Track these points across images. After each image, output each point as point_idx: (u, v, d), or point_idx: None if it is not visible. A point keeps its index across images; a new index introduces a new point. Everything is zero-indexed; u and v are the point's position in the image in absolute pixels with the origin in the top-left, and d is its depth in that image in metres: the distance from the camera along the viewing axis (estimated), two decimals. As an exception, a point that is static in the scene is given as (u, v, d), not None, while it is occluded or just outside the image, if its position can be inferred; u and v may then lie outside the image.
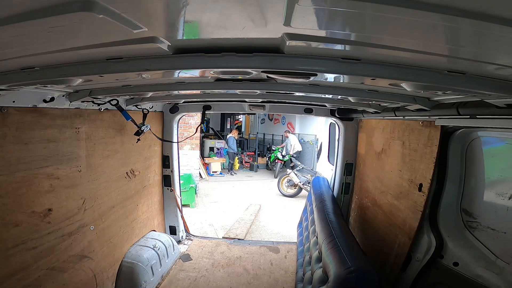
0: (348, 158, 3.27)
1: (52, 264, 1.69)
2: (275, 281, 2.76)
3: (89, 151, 2.01)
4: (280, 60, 0.93)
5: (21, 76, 1.10)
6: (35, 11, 0.58)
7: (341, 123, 3.22)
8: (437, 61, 0.84)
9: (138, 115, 2.35)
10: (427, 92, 1.28)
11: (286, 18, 0.63)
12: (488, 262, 1.49)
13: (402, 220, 2.03)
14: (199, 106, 3.14)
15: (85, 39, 0.80)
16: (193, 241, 3.55)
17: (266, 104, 2.95)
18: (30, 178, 1.56)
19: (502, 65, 0.77)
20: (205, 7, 0.63)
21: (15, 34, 0.71)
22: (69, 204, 1.85)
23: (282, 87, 1.55)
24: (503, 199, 1.51)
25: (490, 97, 1.02)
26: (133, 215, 2.67)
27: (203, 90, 1.98)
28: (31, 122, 1.56)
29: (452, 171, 1.77)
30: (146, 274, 2.44)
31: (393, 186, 2.25)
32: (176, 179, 3.40)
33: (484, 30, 0.56)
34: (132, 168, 2.60)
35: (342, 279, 1.47)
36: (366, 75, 1.00)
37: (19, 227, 1.50)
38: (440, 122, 1.64)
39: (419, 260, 1.85)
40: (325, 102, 2.42)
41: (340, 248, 1.76)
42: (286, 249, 3.36)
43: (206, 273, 2.86)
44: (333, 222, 2.24)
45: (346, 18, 0.63)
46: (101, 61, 1.01)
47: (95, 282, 2.08)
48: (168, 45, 0.87)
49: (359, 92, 1.55)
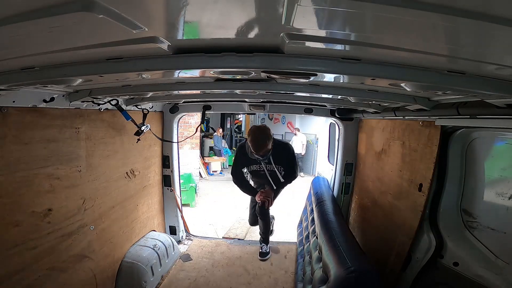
0: (348, 158, 3.27)
1: (52, 264, 1.69)
2: (275, 281, 2.75)
3: (89, 151, 2.01)
4: (280, 60, 0.93)
5: (21, 76, 1.09)
6: (35, 11, 0.58)
7: (341, 123, 3.22)
8: (437, 61, 0.84)
9: (138, 115, 2.35)
10: (427, 92, 1.28)
11: (286, 18, 0.63)
12: (488, 262, 1.49)
13: (402, 220, 2.03)
14: (199, 106, 3.14)
15: (85, 39, 0.80)
16: (193, 241, 3.55)
17: (266, 104, 2.95)
18: (30, 178, 1.56)
19: (502, 65, 0.77)
20: (205, 7, 0.63)
21: (15, 34, 0.71)
22: (69, 204, 1.85)
23: (282, 87, 1.55)
24: (503, 199, 1.51)
25: (490, 97, 1.02)
26: (133, 215, 2.67)
27: (203, 90, 1.98)
28: (31, 122, 1.56)
29: (452, 171, 1.77)
30: (146, 274, 2.44)
31: (393, 186, 2.25)
32: (176, 179, 3.40)
33: (484, 30, 0.56)
34: (132, 168, 2.60)
35: (342, 279, 1.47)
36: (366, 75, 1.00)
37: (19, 227, 1.50)
38: (440, 122, 1.64)
39: (419, 260, 1.85)
40: (325, 102, 2.42)
41: (340, 248, 1.76)
42: (286, 249, 3.36)
43: (206, 273, 2.86)
44: (333, 222, 2.25)
45: (346, 18, 0.63)
46: (101, 61, 1.01)
47: (95, 282, 2.08)
48: (168, 45, 0.87)
49: (359, 92, 1.55)
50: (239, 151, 3.01)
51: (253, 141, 2.64)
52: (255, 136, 2.66)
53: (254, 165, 2.96)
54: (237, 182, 3.03)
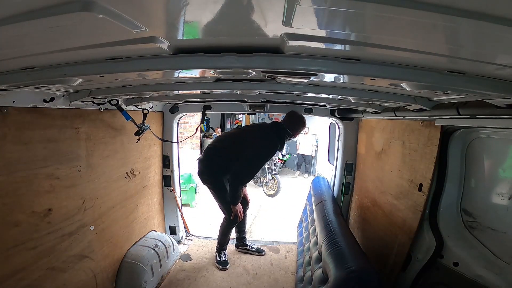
0: (348, 158, 3.28)
1: (52, 264, 1.69)
2: (275, 281, 2.75)
3: (89, 151, 2.01)
4: (280, 60, 0.93)
5: (21, 76, 1.09)
6: (35, 11, 0.58)
7: (341, 123, 3.22)
8: (437, 61, 0.84)
9: (138, 115, 2.35)
10: (427, 92, 1.28)
11: (286, 18, 0.63)
12: (488, 262, 1.49)
13: (402, 220, 2.03)
14: (199, 106, 3.14)
15: (85, 39, 0.80)
16: (193, 241, 3.55)
17: (266, 104, 2.95)
18: (30, 178, 1.56)
19: (502, 65, 0.77)
20: (205, 7, 0.63)
21: (15, 34, 0.71)
22: (69, 204, 1.85)
23: (282, 87, 1.55)
24: (503, 199, 1.51)
25: (490, 97, 1.02)
26: (133, 215, 2.67)
27: (203, 90, 1.98)
28: (31, 122, 1.56)
29: (452, 171, 1.77)
30: (146, 274, 2.44)
31: (393, 186, 2.25)
32: (176, 179, 3.40)
33: (484, 30, 0.56)
34: (132, 168, 2.60)
35: (342, 279, 1.47)
36: (366, 75, 0.99)
37: (19, 227, 1.50)
38: (440, 122, 1.64)
39: (419, 260, 1.85)
40: (325, 102, 2.42)
41: (340, 248, 1.76)
42: (286, 249, 3.37)
43: (206, 273, 2.86)
44: (333, 222, 2.24)
45: (346, 18, 0.63)
46: (101, 61, 1.01)
47: (95, 282, 2.08)
48: (168, 45, 0.87)
49: (359, 92, 1.55)
50: (274, 152, 2.77)
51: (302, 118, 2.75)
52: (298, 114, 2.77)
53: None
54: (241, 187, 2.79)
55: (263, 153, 2.67)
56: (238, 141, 2.78)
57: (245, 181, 2.72)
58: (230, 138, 2.93)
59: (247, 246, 3.27)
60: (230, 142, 2.83)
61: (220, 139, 2.96)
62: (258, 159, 2.67)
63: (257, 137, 2.72)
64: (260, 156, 2.67)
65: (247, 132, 2.99)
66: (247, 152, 2.62)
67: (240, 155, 2.64)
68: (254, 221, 5.30)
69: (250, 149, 2.63)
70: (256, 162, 2.67)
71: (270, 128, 2.76)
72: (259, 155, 2.66)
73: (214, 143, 2.90)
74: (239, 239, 3.29)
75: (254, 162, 2.66)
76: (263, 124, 2.96)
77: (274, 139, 2.69)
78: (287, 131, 2.72)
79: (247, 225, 3.48)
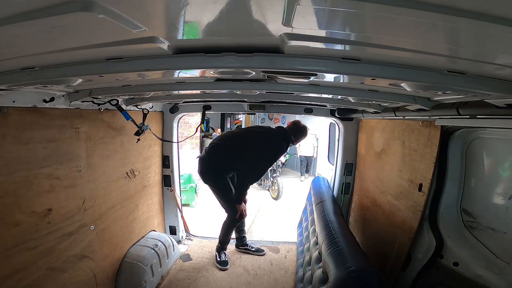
0: (348, 158, 3.28)
1: (52, 264, 1.69)
2: (275, 281, 2.75)
3: (89, 151, 2.01)
4: (280, 60, 0.93)
5: (21, 76, 1.09)
6: (35, 11, 0.58)
7: (341, 123, 3.22)
8: (437, 61, 0.84)
9: (138, 115, 2.35)
10: (427, 92, 1.28)
11: (286, 18, 0.63)
12: (488, 262, 1.49)
13: (402, 220, 2.03)
14: (199, 106, 3.14)
15: (85, 39, 0.80)
16: (193, 241, 3.55)
17: (266, 104, 2.95)
18: (30, 178, 1.56)
19: (502, 65, 0.77)
20: (205, 7, 0.63)
21: (15, 34, 0.71)
22: (69, 204, 1.85)
23: (282, 87, 1.55)
24: (503, 199, 1.51)
25: (490, 97, 1.02)
26: (133, 215, 2.67)
27: (203, 90, 1.98)
28: (31, 122, 1.56)
29: (452, 171, 1.77)
30: (146, 274, 2.44)
31: (393, 186, 2.25)
32: (176, 179, 3.40)
33: (484, 30, 0.56)
34: (132, 168, 2.60)
35: (342, 279, 1.47)
36: (366, 75, 0.99)
37: (19, 227, 1.50)
38: (440, 122, 1.64)
39: (419, 260, 1.85)
40: (325, 102, 2.42)
41: (340, 248, 1.76)
42: (286, 249, 3.37)
43: (206, 273, 2.86)
44: (333, 222, 2.24)
45: (346, 18, 0.63)
46: (101, 61, 1.01)
47: (95, 282, 2.08)
48: (168, 45, 0.86)
49: (359, 92, 1.55)
50: (280, 155, 3.01)
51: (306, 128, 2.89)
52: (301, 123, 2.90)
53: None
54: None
55: (271, 155, 2.87)
56: (242, 141, 2.85)
57: (253, 181, 2.89)
58: (234, 137, 2.98)
59: (247, 246, 3.28)
60: (234, 141, 2.89)
61: (223, 138, 3.01)
62: (266, 160, 2.84)
63: (266, 139, 2.83)
64: (269, 158, 2.85)
65: (252, 133, 3.03)
66: (256, 154, 2.74)
67: (243, 155, 2.72)
68: (254, 221, 5.30)
69: (258, 150, 2.75)
70: (264, 164, 2.86)
71: (277, 132, 2.91)
72: (268, 157, 2.84)
73: (217, 141, 2.95)
74: (239, 239, 3.29)
75: (263, 163, 2.82)
76: (269, 128, 3.05)
77: (281, 143, 2.84)
78: (291, 137, 2.89)
79: (247, 225, 3.48)
